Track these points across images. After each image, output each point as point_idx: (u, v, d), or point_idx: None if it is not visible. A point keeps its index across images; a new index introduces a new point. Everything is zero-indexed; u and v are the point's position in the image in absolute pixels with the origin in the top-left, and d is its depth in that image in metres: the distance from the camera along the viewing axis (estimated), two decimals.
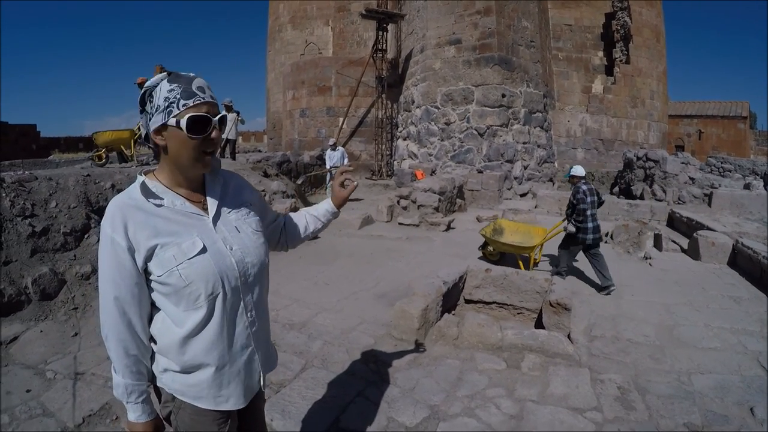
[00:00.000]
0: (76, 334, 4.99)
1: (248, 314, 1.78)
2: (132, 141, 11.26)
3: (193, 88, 1.62)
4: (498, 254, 8.46)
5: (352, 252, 8.73)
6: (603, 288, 6.70)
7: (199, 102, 1.62)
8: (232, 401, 1.79)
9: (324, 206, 2.27)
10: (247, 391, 1.85)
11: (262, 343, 1.88)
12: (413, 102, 20.32)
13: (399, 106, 22.50)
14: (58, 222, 6.18)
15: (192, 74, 1.67)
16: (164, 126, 1.61)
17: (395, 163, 21.47)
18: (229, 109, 14.40)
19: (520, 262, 7.88)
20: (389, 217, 11.71)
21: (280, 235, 2.20)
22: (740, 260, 7.86)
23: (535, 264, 8.18)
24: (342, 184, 2.22)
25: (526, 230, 8.74)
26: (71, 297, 5.59)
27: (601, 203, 7.44)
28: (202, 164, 1.70)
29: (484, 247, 8.63)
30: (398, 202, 12.05)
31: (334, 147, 15.31)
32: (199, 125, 1.61)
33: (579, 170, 7.51)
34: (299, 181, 14.24)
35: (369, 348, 4.73)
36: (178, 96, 1.60)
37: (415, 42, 20.66)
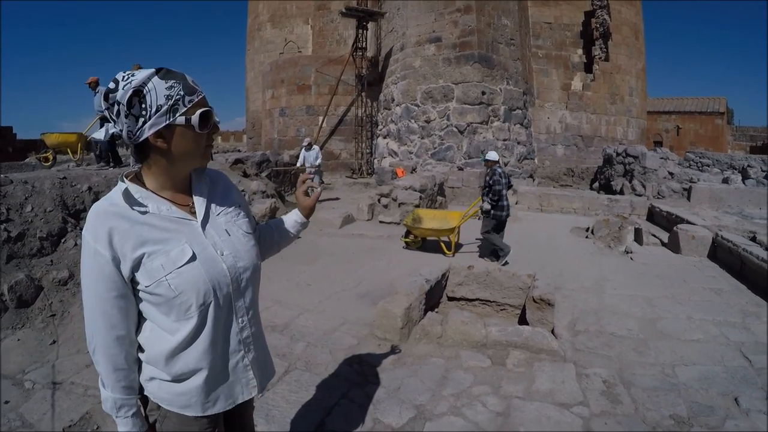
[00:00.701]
0: (54, 341, 4.87)
1: (240, 320, 1.71)
2: (79, 144, 11.19)
3: (190, 82, 1.54)
4: (420, 241, 8.99)
5: (334, 251, 8.67)
6: (501, 258, 7.93)
7: (201, 96, 1.56)
8: (219, 405, 1.73)
9: (292, 217, 2.17)
10: (235, 395, 1.78)
11: (255, 347, 1.80)
12: (393, 100, 20.31)
13: (379, 105, 22.49)
14: (34, 227, 6.05)
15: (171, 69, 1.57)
16: (168, 126, 1.51)
17: (375, 161, 21.46)
18: None
19: (443, 245, 8.62)
20: (370, 216, 11.66)
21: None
22: (720, 253, 7.93)
23: (458, 246, 8.91)
24: (306, 193, 2.13)
25: (443, 216, 9.33)
26: (48, 304, 5.47)
27: (510, 186, 8.51)
28: (205, 159, 1.67)
29: (406, 236, 9.05)
30: (379, 200, 12.00)
31: (309, 147, 15.16)
32: (205, 119, 1.56)
33: (493, 155, 8.44)
34: (263, 174, 14.11)
35: (352, 349, 4.68)
36: (182, 92, 1.51)
37: (395, 40, 20.65)
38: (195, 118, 1.52)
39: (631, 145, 17.80)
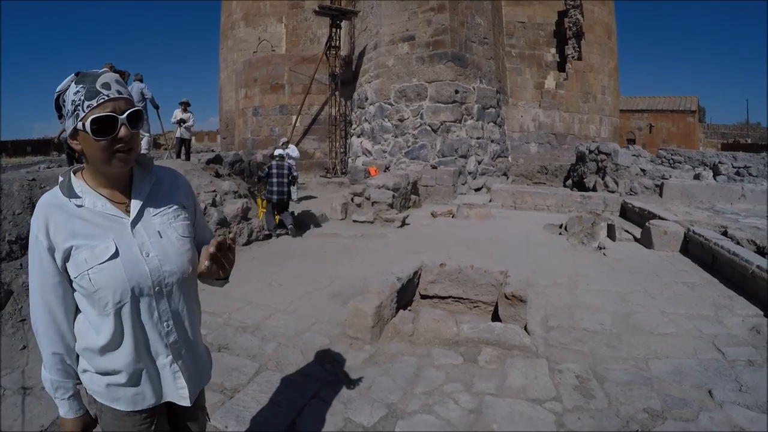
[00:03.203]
0: (24, 347, 4.73)
1: (164, 324, 1.71)
2: None
3: (98, 86, 1.53)
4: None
5: (306, 251, 8.59)
6: (283, 231, 9.97)
7: (103, 100, 1.53)
8: (150, 400, 1.74)
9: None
10: (164, 394, 1.78)
11: (183, 353, 1.79)
12: (367, 99, 20.26)
13: (353, 104, 22.42)
14: (2, 230, 5.85)
15: (101, 70, 1.58)
16: (76, 130, 1.56)
17: (349, 160, 21.39)
18: (185, 107, 14.08)
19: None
20: (343, 215, 11.61)
21: None
22: (692, 247, 7.99)
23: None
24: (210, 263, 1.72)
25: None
26: (18, 308, 5.30)
27: (292, 176, 10.40)
28: (118, 163, 1.60)
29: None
30: (352, 199, 11.95)
31: (285, 145, 15.08)
32: (105, 125, 1.53)
33: (277, 151, 11.28)
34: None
35: (324, 348, 4.61)
36: (83, 97, 1.53)
37: (369, 39, 20.61)
38: (87, 124, 1.52)
39: (604, 143, 17.96)
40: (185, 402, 1.80)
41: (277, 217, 10.37)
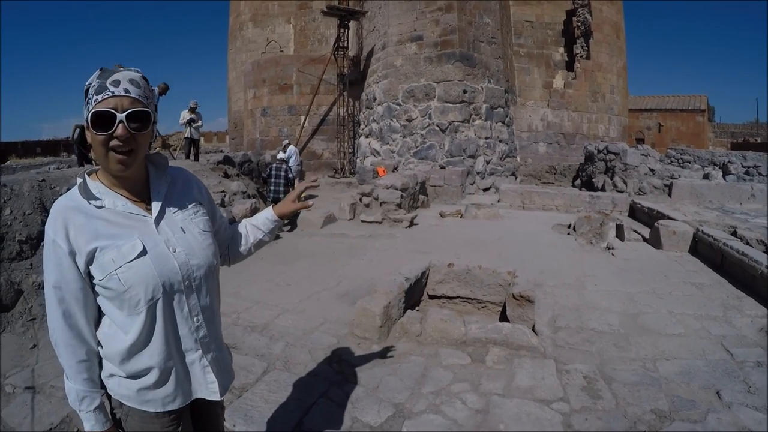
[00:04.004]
0: (34, 345, 4.79)
1: (194, 318, 1.72)
2: None
3: (107, 82, 1.53)
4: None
5: (314, 251, 8.62)
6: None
7: (107, 96, 1.51)
8: (180, 400, 1.74)
9: (264, 214, 2.13)
10: (193, 391, 1.79)
11: (212, 348, 1.81)
12: (375, 99, 20.26)
13: (361, 104, 22.42)
14: (12, 230, 5.92)
15: (122, 68, 1.58)
16: (87, 122, 1.54)
17: (358, 160, 21.38)
18: (193, 109, 14.30)
19: None
20: (352, 215, 11.62)
21: (228, 247, 2.10)
22: (701, 248, 7.95)
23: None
24: (299, 198, 2.11)
25: None
26: (28, 308, 5.36)
27: (288, 178, 11.12)
28: (115, 164, 1.57)
29: None
30: (360, 199, 11.95)
31: (285, 148, 15.22)
32: (103, 121, 1.51)
33: (279, 155, 12.32)
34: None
35: (332, 348, 4.62)
36: (94, 92, 1.53)
37: (377, 39, 20.60)
38: (88, 117, 1.52)
39: (613, 142, 17.92)
40: (215, 396, 1.81)
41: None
